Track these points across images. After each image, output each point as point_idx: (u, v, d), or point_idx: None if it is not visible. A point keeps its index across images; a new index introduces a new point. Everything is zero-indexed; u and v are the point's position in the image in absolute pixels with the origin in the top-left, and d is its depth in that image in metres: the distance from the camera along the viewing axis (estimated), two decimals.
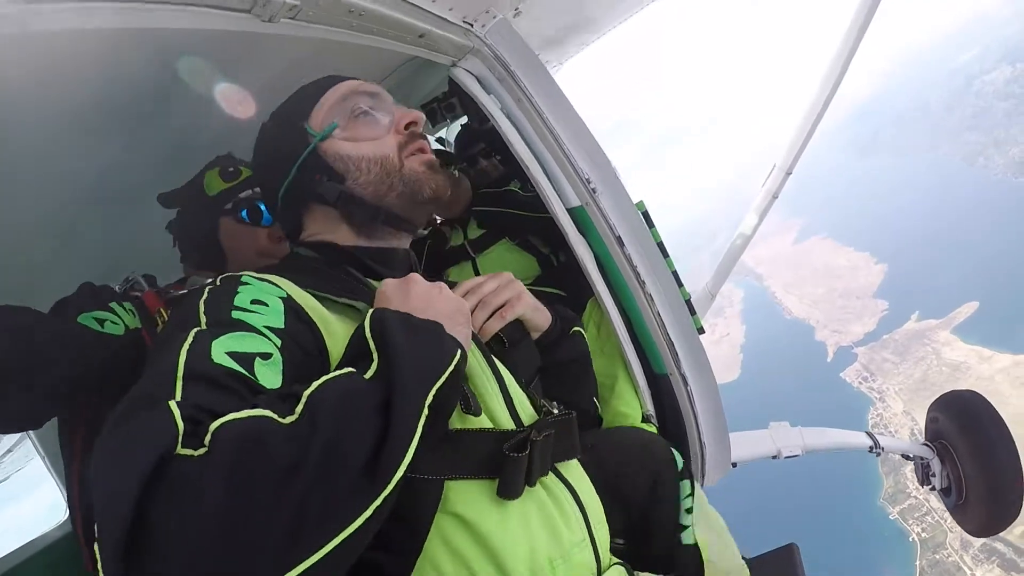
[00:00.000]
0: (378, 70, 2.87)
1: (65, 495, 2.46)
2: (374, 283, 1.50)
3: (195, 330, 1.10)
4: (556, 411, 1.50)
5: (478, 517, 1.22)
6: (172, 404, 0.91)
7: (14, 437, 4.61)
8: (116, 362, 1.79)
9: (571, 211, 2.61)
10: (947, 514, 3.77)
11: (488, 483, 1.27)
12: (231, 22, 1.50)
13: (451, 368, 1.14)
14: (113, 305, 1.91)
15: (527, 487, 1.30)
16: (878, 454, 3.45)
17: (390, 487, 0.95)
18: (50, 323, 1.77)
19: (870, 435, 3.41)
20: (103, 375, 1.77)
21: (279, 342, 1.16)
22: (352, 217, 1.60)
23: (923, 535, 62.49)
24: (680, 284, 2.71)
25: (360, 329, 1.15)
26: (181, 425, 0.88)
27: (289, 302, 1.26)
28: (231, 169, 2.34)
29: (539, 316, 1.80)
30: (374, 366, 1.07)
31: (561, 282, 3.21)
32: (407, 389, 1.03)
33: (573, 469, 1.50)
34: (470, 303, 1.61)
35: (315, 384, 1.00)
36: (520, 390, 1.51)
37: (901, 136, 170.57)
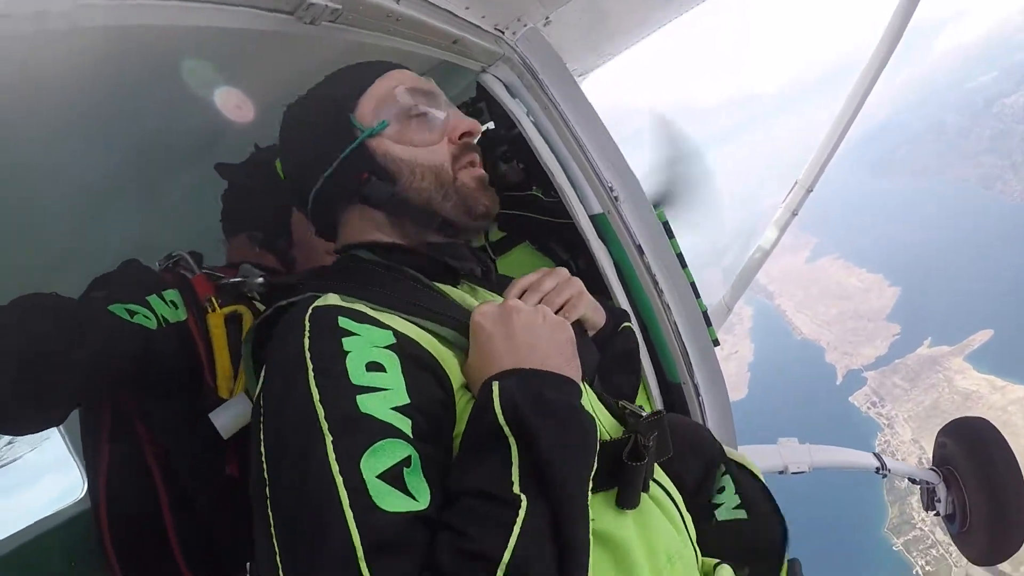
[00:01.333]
0: None
1: (86, 479, 2.41)
2: (442, 287, 1.42)
3: (330, 448, 0.98)
4: (635, 410, 1.41)
5: (606, 529, 1.17)
6: None
7: None
8: (150, 356, 1.67)
9: (593, 218, 2.65)
10: (952, 547, 3.77)
11: (605, 494, 1.19)
12: (274, 23, 1.56)
13: (598, 447, 1.10)
14: (152, 299, 1.76)
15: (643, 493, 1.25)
16: (884, 475, 3.47)
17: None
18: (76, 310, 1.66)
19: (877, 456, 3.43)
20: (133, 368, 1.67)
21: (410, 431, 1.04)
22: (403, 222, 1.46)
23: (927, 568, 61.68)
24: (697, 295, 2.75)
25: (488, 414, 1.05)
26: None
27: (401, 348, 1.12)
28: None
29: (598, 314, 1.71)
30: (524, 483, 1.00)
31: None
32: (573, 503, 1.00)
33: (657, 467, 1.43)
34: (531, 301, 1.49)
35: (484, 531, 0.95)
36: (590, 390, 1.45)
37: (917, 156, 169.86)
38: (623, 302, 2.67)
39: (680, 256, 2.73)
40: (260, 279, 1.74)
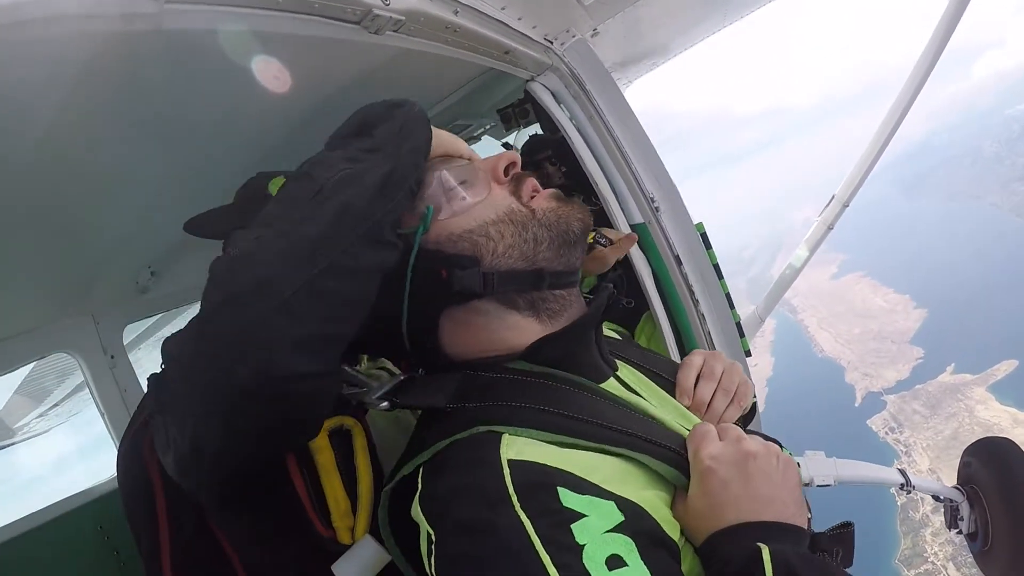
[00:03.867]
0: (454, 81, 3.00)
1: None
2: (606, 388, 1.23)
3: None
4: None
5: None
6: None
7: (66, 388, 4.66)
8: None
9: (634, 227, 2.71)
10: None
11: None
12: (341, 32, 1.62)
13: None
14: None
15: None
16: (909, 492, 3.46)
17: None
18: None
19: (902, 472, 3.44)
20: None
21: None
22: (517, 299, 1.22)
23: None
24: (732, 306, 2.79)
25: None
26: None
27: (631, 525, 0.93)
28: None
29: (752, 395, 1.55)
30: None
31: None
32: None
33: None
34: (708, 389, 1.37)
35: None
36: None
37: (950, 180, 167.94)
38: (660, 310, 2.73)
39: (716, 267, 2.77)
40: (384, 401, 1.24)
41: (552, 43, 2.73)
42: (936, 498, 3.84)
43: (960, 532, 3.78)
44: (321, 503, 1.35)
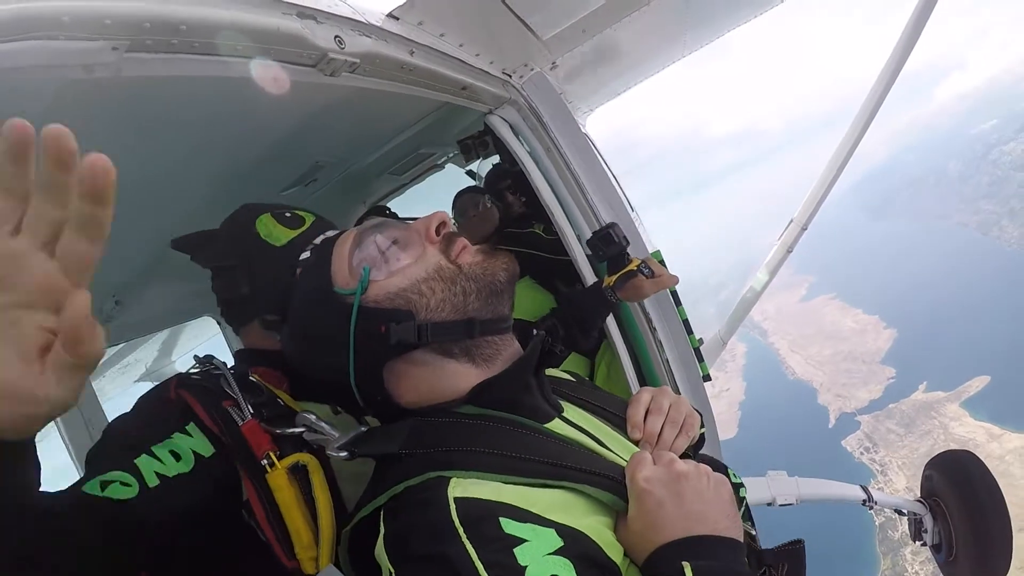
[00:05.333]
0: (414, 113, 3.07)
1: None
2: (528, 422, 1.31)
3: None
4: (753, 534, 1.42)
5: None
6: None
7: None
8: (130, 528, 1.31)
9: (590, 257, 2.76)
10: None
11: None
12: (297, 74, 1.67)
13: None
14: (141, 460, 1.42)
15: None
16: (871, 507, 3.56)
17: None
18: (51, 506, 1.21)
19: (864, 488, 3.52)
20: (120, 547, 1.29)
21: None
22: (451, 347, 1.31)
23: None
24: (690, 332, 2.85)
25: None
26: None
27: (571, 549, 1.01)
28: (288, 215, 1.94)
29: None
30: None
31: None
32: None
33: None
34: (656, 424, 1.47)
35: None
36: None
37: (915, 200, 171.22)
38: (617, 338, 2.78)
39: (674, 294, 2.84)
40: (344, 452, 1.33)
41: (510, 77, 2.81)
42: (899, 512, 3.93)
43: (925, 544, 3.88)
44: (284, 536, 1.44)
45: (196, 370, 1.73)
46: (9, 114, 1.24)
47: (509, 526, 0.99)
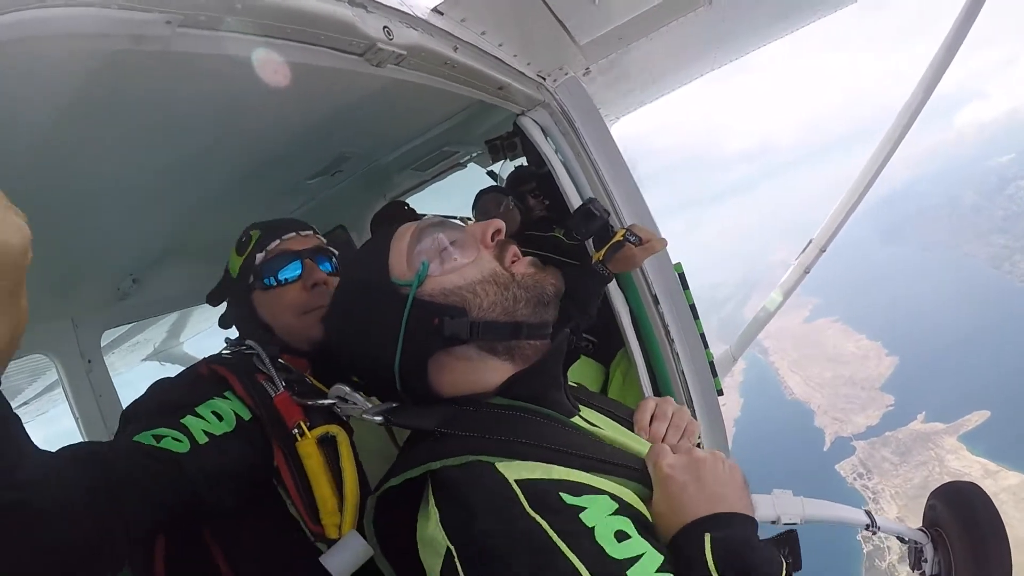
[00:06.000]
0: (444, 110, 3.08)
1: None
2: (555, 415, 1.37)
3: None
4: None
5: None
6: None
7: (37, 387, 4.61)
8: (182, 484, 1.37)
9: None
10: None
11: None
12: (343, 62, 1.69)
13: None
14: (187, 419, 1.49)
15: None
16: (874, 532, 3.54)
17: None
18: (105, 454, 1.27)
19: (868, 513, 3.51)
20: (173, 499, 1.36)
21: None
22: (496, 346, 1.38)
23: None
24: (706, 345, 2.85)
25: (699, 566, 1.08)
26: None
27: (626, 509, 1.11)
28: (243, 239, 2.03)
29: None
30: None
31: (593, 330, 3.33)
32: None
33: None
34: (661, 428, 1.61)
35: None
36: None
37: (927, 229, 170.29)
38: (635, 348, 2.78)
39: (693, 307, 2.83)
40: (379, 417, 1.42)
41: (545, 80, 2.80)
42: (901, 540, 3.91)
43: (924, 574, 3.86)
44: (310, 502, 1.52)
45: (228, 351, 1.81)
46: (49, 76, 1.26)
47: (569, 499, 1.07)
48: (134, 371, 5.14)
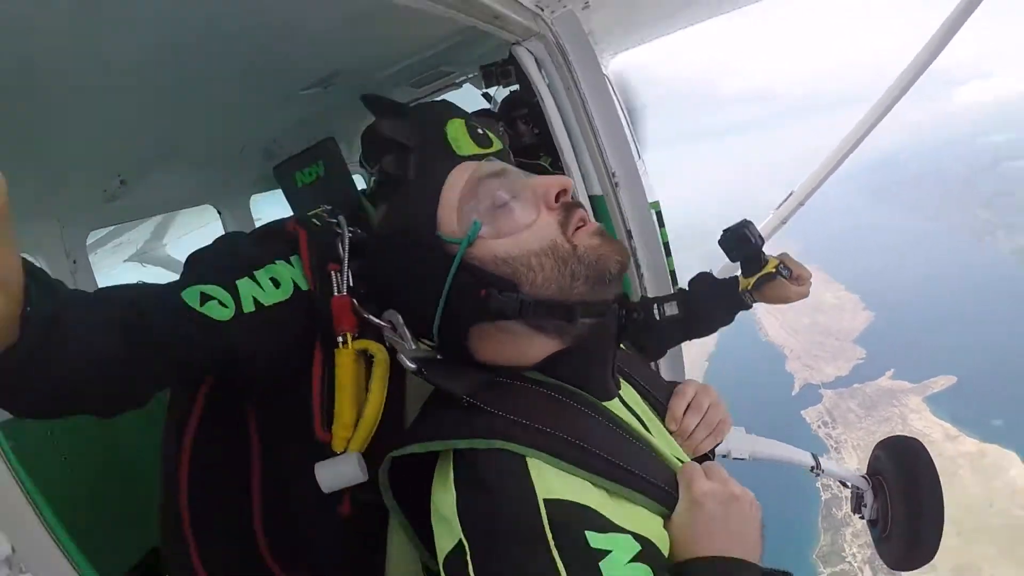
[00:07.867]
0: (439, 34, 3.04)
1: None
2: (591, 399, 1.29)
3: None
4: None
5: None
6: None
7: None
8: (219, 353, 1.35)
9: (592, 198, 2.86)
10: None
11: None
12: None
13: None
14: (242, 282, 1.42)
15: None
16: (818, 475, 3.73)
17: None
18: (149, 300, 1.28)
19: (815, 456, 3.68)
20: (207, 364, 1.38)
21: None
22: (546, 326, 1.26)
23: None
24: (676, 282, 2.97)
25: None
26: None
27: (646, 555, 1.04)
28: (480, 131, 1.93)
29: None
30: None
31: None
32: None
33: None
34: (692, 421, 1.53)
35: None
36: None
37: (916, 195, 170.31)
38: None
39: (666, 245, 2.94)
40: (414, 365, 1.32)
41: (543, 11, 2.82)
42: (844, 484, 4.11)
43: (863, 518, 4.08)
44: (328, 409, 1.46)
45: (318, 221, 1.67)
46: None
47: (595, 539, 1.00)
48: (116, 271, 5.15)
